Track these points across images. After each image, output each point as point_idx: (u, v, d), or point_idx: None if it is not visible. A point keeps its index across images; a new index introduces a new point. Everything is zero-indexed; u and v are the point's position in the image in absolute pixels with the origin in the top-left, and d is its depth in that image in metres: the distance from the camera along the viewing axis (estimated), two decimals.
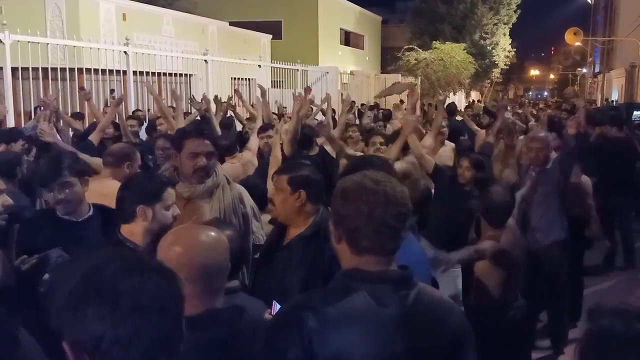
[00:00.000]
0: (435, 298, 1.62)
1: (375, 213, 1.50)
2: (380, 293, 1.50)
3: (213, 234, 1.76)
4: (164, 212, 2.41)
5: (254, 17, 24.47)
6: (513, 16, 30.22)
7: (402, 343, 1.48)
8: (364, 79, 22.76)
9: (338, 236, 1.57)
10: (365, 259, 1.53)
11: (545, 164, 4.46)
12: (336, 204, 1.57)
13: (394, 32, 36.86)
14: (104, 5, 13.69)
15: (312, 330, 1.44)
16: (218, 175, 2.99)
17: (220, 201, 2.94)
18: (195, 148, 2.88)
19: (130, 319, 1.01)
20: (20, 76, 7.75)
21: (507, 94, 58.10)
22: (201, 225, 1.92)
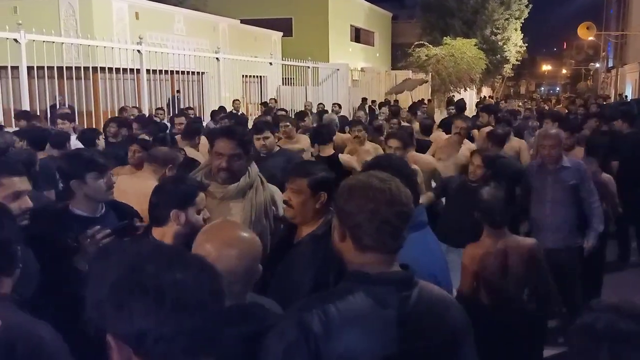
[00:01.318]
0: (435, 295, 1.63)
1: (379, 211, 1.52)
2: (383, 295, 1.51)
3: (247, 234, 1.81)
4: (196, 216, 2.46)
5: (264, 14, 24.52)
6: (524, 11, 30.03)
7: (406, 344, 1.50)
8: (374, 75, 22.76)
9: (342, 233, 1.58)
10: (368, 256, 1.55)
11: (558, 161, 4.39)
12: (341, 200, 1.59)
13: (404, 28, 36.74)
14: (117, 4, 13.79)
15: (317, 334, 1.45)
16: (251, 175, 2.95)
17: (252, 202, 2.91)
18: (219, 148, 2.88)
19: (173, 315, 0.99)
20: (36, 75, 7.86)
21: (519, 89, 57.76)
22: (236, 223, 1.96)
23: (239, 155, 2.89)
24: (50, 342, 1.65)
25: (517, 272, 3.30)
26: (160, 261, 1.05)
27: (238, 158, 2.88)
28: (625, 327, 1.24)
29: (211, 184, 2.88)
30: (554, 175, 4.37)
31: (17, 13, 11.64)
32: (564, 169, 4.38)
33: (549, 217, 4.32)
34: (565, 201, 4.34)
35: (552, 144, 4.34)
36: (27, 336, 1.64)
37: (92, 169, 2.76)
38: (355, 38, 31.49)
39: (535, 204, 4.42)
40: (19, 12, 11.67)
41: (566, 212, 4.32)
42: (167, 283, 1.01)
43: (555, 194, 4.35)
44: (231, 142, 2.88)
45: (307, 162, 2.72)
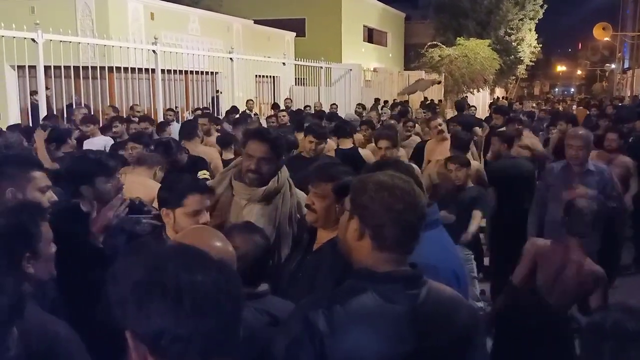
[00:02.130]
0: (444, 295, 1.61)
1: (405, 211, 1.52)
2: (390, 293, 1.51)
3: (220, 243, 1.73)
4: (183, 218, 2.48)
5: (278, 15, 24.57)
6: (539, 11, 29.76)
7: (413, 342, 1.49)
8: (387, 76, 22.72)
9: (361, 232, 1.56)
10: (384, 256, 1.54)
11: (584, 163, 4.29)
12: (364, 199, 1.56)
13: (417, 29, 36.63)
14: (133, 4, 13.90)
15: (323, 332, 1.44)
16: (280, 180, 2.88)
17: (278, 208, 2.85)
18: (250, 150, 2.83)
19: (190, 317, 1.00)
20: (53, 74, 7.95)
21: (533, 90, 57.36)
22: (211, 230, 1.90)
23: (269, 159, 2.82)
24: (65, 340, 1.66)
25: (567, 287, 3.28)
26: (181, 262, 1.05)
27: (268, 162, 2.81)
28: (632, 327, 1.27)
29: (239, 184, 2.85)
30: (580, 179, 4.26)
31: (34, 13, 11.76)
32: (589, 173, 4.28)
33: None
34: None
35: (580, 144, 4.24)
36: (43, 333, 1.66)
37: (100, 173, 2.76)
38: (368, 38, 31.45)
39: (556, 206, 4.30)
40: (37, 12, 11.78)
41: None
42: (187, 284, 1.01)
43: None
44: (263, 145, 2.81)
45: (331, 165, 2.64)
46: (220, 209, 2.86)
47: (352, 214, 1.59)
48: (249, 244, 2.12)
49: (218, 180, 2.99)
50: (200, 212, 2.51)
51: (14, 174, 2.61)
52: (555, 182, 4.41)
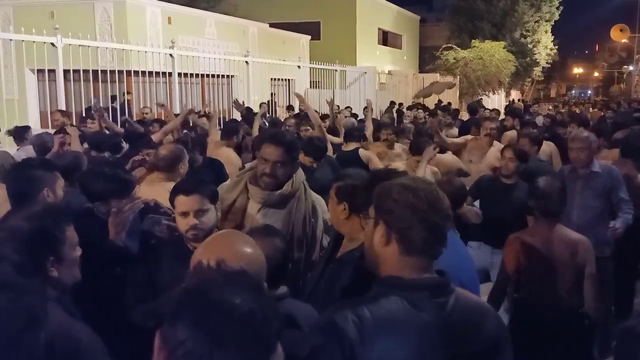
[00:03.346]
0: (471, 303, 1.61)
1: (431, 212, 1.52)
2: (418, 300, 1.49)
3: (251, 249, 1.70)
4: (178, 219, 2.52)
5: (293, 18, 24.66)
6: (555, 13, 29.55)
7: (441, 350, 1.47)
8: (402, 78, 22.69)
9: (387, 237, 1.55)
10: (411, 261, 1.54)
11: (589, 165, 4.29)
12: (388, 203, 1.55)
13: (432, 31, 36.55)
14: (150, 9, 14.05)
15: (353, 339, 1.43)
16: (295, 184, 2.85)
17: (292, 212, 2.83)
18: (264, 153, 2.81)
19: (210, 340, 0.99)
20: (72, 78, 8.06)
21: (549, 92, 56.89)
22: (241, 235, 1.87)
23: (284, 162, 2.79)
24: (88, 344, 1.67)
25: (565, 266, 3.24)
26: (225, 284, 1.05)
27: (282, 165, 2.79)
28: None
29: (254, 188, 2.84)
30: (584, 181, 4.29)
31: (53, 18, 11.91)
32: (594, 174, 4.28)
33: (575, 224, 4.14)
34: (594, 208, 4.23)
35: (581, 146, 4.27)
36: (67, 337, 1.67)
37: (115, 194, 2.81)
38: (383, 41, 31.43)
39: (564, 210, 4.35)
40: (56, 17, 11.94)
41: (595, 219, 4.19)
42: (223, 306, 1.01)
43: (583, 201, 4.24)
44: (277, 149, 2.78)
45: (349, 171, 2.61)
46: (235, 212, 2.85)
47: (377, 220, 1.59)
48: (269, 247, 2.12)
49: (233, 183, 2.97)
50: (187, 214, 2.49)
51: (44, 175, 2.71)
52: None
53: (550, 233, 3.29)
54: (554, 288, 3.25)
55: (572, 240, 3.30)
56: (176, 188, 2.62)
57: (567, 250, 3.26)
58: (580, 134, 4.51)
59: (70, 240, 1.93)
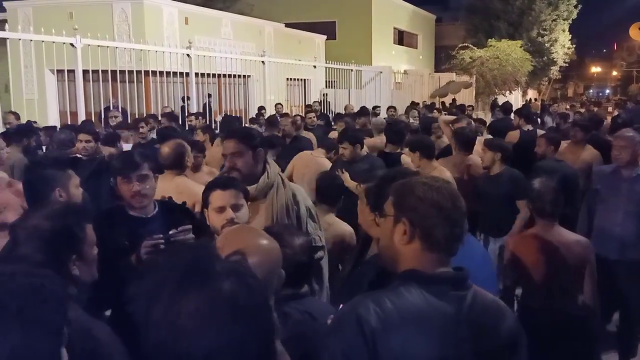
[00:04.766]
0: (488, 299, 1.61)
1: (452, 209, 1.55)
2: (438, 294, 1.51)
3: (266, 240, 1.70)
4: (212, 216, 2.53)
5: (308, 18, 24.68)
6: (573, 11, 29.21)
7: (463, 343, 1.49)
8: (417, 78, 22.60)
9: (411, 235, 1.56)
10: (433, 256, 1.56)
11: (633, 165, 4.17)
12: (412, 201, 1.57)
13: (448, 31, 36.34)
14: (167, 9, 14.16)
15: (375, 328, 1.44)
16: (270, 175, 2.94)
17: (274, 202, 2.91)
18: (224, 150, 2.95)
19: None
20: (91, 78, 8.14)
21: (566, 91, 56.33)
22: (253, 228, 1.87)
23: (240, 152, 2.87)
24: (106, 343, 1.67)
25: (564, 269, 3.21)
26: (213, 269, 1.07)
27: (240, 155, 2.87)
28: None
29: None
30: (629, 184, 4.17)
31: (72, 19, 12.06)
32: (639, 178, 4.17)
33: (619, 227, 4.11)
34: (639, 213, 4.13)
35: (623, 145, 4.17)
36: (85, 335, 1.65)
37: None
38: (399, 40, 31.32)
39: (604, 212, 4.23)
40: (75, 18, 12.08)
41: (639, 224, 4.10)
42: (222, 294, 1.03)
43: (629, 205, 4.13)
44: (230, 141, 2.90)
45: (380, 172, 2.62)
46: None
47: (398, 217, 1.59)
48: (293, 246, 2.12)
49: None
50: (224, 209, 2.51)
51: (57, 174, 2.72)
52: (603, 186, 4.32)
53: (548, 235, 3.27)
54: (553, 291, 3.23)
55: (570, 241, 3.27)
56: (212, 184, 2.64)
57: (565, 252, 3.23)
58: (624, 133, 4.41)
59: (90, 239, 1.95)
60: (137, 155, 2.93)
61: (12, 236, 1.87)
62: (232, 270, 1.07)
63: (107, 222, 2.71)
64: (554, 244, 3.24)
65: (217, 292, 1.02)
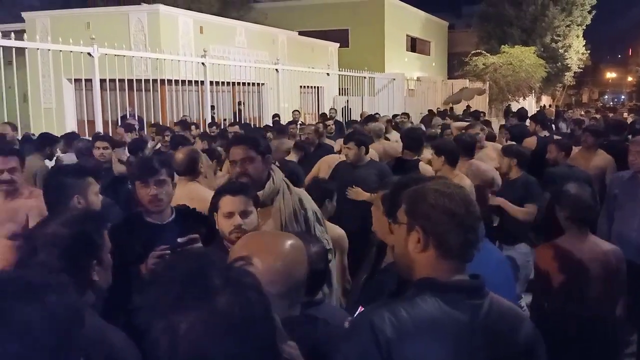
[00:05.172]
0: (505, 307, 1.59)
1: (466, 215, 1.53)
2: (454, 302, 1.50)
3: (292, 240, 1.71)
4: (221, 221, 2.53)
5: (321, 26, 24.80)
6: (587, 17, 29.05)
7: (478, 352, 1.47)
8: (430, 84, 22.58)
9: (425, 243, 1.55)
10: (447, 264, 1.54)
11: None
12: (425, 208, 1.55)
13: (460, 37, 36.28)
14: (183, 19, 14.31)
15: (390, 337, 1.43)
16: (275, 181, 2.94)
17: (281, 207, 2.91)
18: (232, 156, 2.93)
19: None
20: (108, 87, 8.24)
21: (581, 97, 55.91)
22: (277, 232, 1.90)
23: (251, 158, 2.87)
24: (121, 348, 1.67)
25: (598, 278, 3.13)
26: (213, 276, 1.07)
27: (250, 161, 2.86)
28: None
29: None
30: None
31: (90, 28, 12.22)
32: None
33: (635, 233, 4.08)
34: None
35: (639, 150, 4.16)
36: (101, 342, 1.67)
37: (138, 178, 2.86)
38: (411, 48, 31.33)
39: (622, 217, 4.20)
40: (92, 28, 12.24)
41: None
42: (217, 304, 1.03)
43: None
44: (240, 147, 2.89)
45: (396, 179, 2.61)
46: None
47: (411, 225, 1.57)
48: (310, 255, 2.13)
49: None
50: (232, 215, 2.51)
51: (76, 181, 2.76)
52: (621, 191, 4.29)
53: (582, 243, 3.17)
54: (584, 299, 3.16)
55: (604, 250, 3.19)
56: (222, 189, 2.65)
57: (598, 261, 3.14)
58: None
59: (107, 245, 1.97)
60: (156, 161, 2.97)
61: (29, 243, 1.88)
62: (230, 282, 1.06)
63: (124, 229, 2.73)
64: (589, 253, 3.14)
65: (213, 306, 1.02)
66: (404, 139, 5.85)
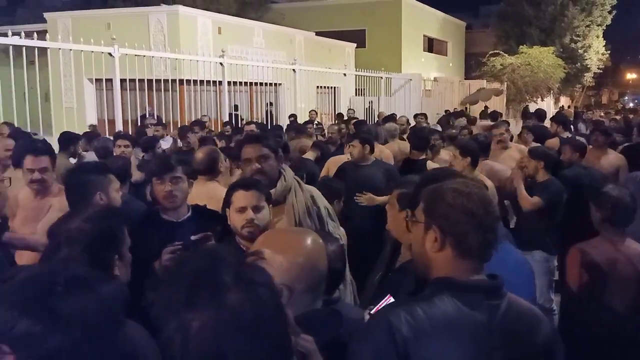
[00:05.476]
0: (524, 308, 1.58)
1: (484, 215, 1.52)
2: (471, 302, 1.49)
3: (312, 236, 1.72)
4: (233, 215, 2.56)
5: (338, 26, 24.84)
6: (607, 17, 28.70)
7: (495, 352, 1.47)
8: (447, 85, 22.47)
9: (442, 242, 1.54)
10: (465, 264, 1.53)
11: None
12: (443, 208, 1.54)
13: (478, 38, 36.06)
14: (202, 19, 14.44)
15: (407, 336, 1.43)
16: (287, 179, 2.97)
17: (294, 205, 2.94)
18: (245, 154, 2.97)
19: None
20: (128, 87, 8.34)
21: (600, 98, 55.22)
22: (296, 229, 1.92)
23: (266, 156, 2.92)
24: (142, 344, 1.69)
25: (633, 281, 3.06)
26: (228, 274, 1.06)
27: (265, 158, 2.92)
28: None
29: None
30: None
31: (110, 29, 12.36)
32: None
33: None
34: None
35: None
36: (122, 338, 1.62)
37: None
38: (428, 48, 31.23)
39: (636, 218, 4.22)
40: (112, 28, 12.39)
41: None
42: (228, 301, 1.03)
43: None
44: (254, 145, 2.95)
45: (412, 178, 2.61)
46: None
47: (428, 224, 1.57)
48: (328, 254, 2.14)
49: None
50: (245, 209, 2.53)
51: (98, 178, 2.82)
52: (636, 191, 4.27)
53: (618, 245, 3.10)
54: (616, 305, 3.09)
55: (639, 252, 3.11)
56: (235, 184, 2.69)
57: (634, 263, 3.07)
58: None
59: (128, 240, 2.01)
60: (173, 159, 3.05)
61: (52, 240, 1.92)
62: (240, 280, 1.06)
63: (141, 226, 2.76)
64: (625, 255, 3.08)
65: (223, 304, 1.02)
66: (411, 139, 5.86)
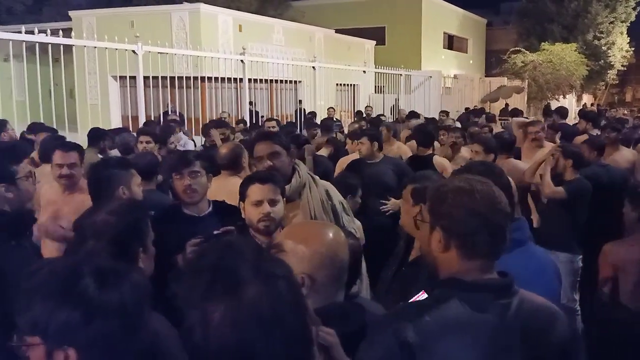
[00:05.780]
0: (537, 305, 1.52)
1: (489, 213, 1.47)
2: (480, 302, 1.44)
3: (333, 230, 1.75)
4: (249, 209, 2.56)
5: (358, 24, 24.83)
6: (632, 13, 28.25)
7: (509, 352, 1.43)
8: (467, 82, 22.32)
9: (446, 243, 1.49)
10: (473, 263, 1.48)
11: None
12: (445, 208, 1.49)
13: (498, 35, 35.73)
14: (223, 17, 14.57)
15: (413, 343, 1.39)
16: (302, 175, 2.97)
17: (309, 200, 2.94)
18: (257, 152, 2.97)
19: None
20: (151, 84, 8.46)
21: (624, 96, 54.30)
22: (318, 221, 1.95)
23: (278, 152, 2.92)
24: (165, 336, 1.71)
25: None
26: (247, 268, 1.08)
27: (277, 155, 2.91)
28: None
29: None
30: None
31: (134, 27, 12.54)
32: None
33: None
34: None
35: None
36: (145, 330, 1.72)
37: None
38: (448, 45, 31.03)
39: None
40: (136, 26, 12.57)
41: None
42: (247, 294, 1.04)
43: None
44: (266, 142, 2.95)
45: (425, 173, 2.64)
46: None
47: (433, 225, 1.53)
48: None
49: None
50: (261, 203, 2.53)
51: (121, 173, 2.90)
52: None
53: None
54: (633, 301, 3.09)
55: None
56: (250, 177, 2.70)
57: None
58: None
59: (151, 234, 2.03)
60: (191, 154, 3.12)
61: (78, 232, 1.97)
62: (259, 273, 1.07)
63: (163, 220, 2.78)
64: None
65: (242, 297, 1.03)
66: (416, 136, 5.87)
